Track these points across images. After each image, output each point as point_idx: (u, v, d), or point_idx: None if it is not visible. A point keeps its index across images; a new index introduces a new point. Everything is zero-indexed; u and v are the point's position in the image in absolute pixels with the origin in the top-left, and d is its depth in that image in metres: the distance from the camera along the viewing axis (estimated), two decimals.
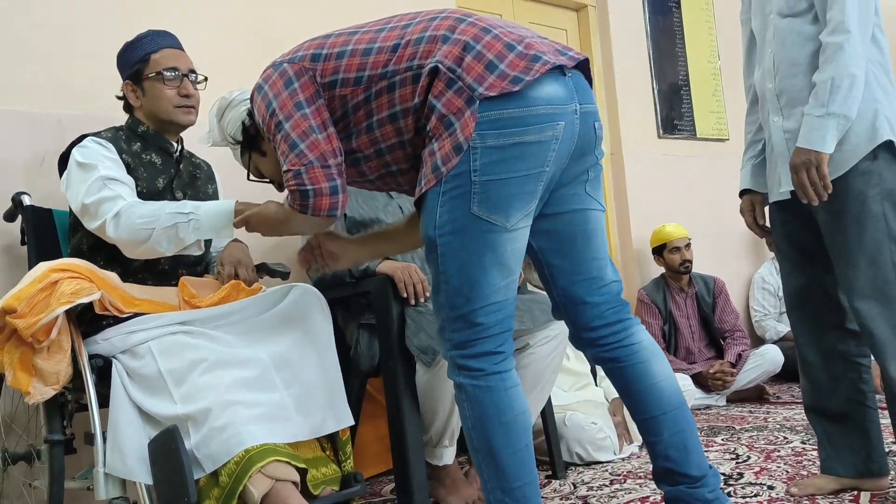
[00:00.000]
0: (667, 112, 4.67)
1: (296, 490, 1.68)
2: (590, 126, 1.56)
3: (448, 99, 1.46)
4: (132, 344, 1.80)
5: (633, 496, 2.27)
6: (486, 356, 1.51)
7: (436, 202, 1.49)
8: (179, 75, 2.14)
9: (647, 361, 1.62)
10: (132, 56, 2.16)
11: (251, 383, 1.77)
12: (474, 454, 1.54)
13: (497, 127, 1.43)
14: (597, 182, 1.66)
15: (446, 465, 2.30)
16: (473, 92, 1.43)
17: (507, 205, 1.47)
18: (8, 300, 1.73)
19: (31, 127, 2.40)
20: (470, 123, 1.43)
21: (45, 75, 2.45)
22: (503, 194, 1.46)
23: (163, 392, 1.73)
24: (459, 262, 1.49)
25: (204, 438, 1.66)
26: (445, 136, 1.46)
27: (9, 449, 2.01)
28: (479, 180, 1.44)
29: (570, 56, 1.54)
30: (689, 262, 3.99)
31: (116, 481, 1.70)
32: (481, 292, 1.49)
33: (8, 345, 1.76)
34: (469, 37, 1.49)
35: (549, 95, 1.46)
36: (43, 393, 1.73)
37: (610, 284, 1.68)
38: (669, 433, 1.60)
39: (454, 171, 1.45)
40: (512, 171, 1.45)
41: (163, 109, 2.13)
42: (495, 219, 1.46)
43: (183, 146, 2.24)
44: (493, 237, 1.48)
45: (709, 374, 3.72)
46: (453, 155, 1.45)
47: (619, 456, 2.80)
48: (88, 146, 2.03)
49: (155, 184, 2.10)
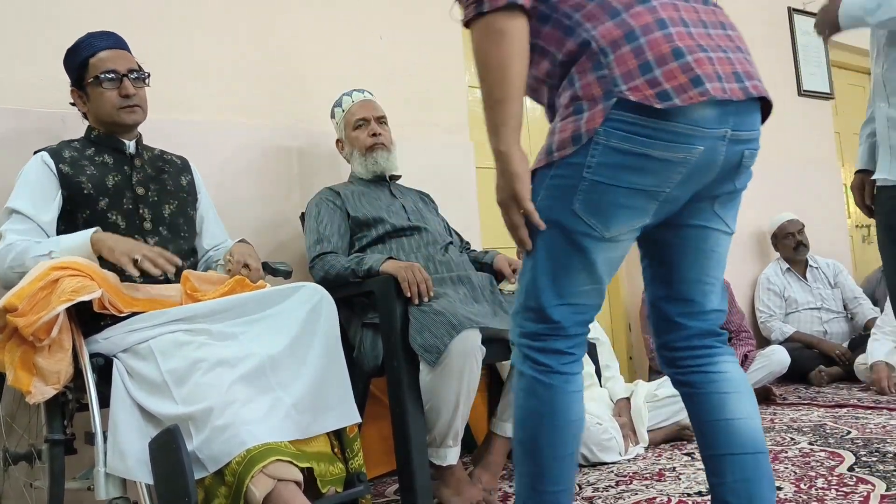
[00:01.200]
0: None
1: (298, 490, 1.67)
2: (738, 154, 1.37)
3: (588, 82, 1.33)
4: (133, 343, 1.79)
5: (639, 497, 2.25)
6: (556, 354, 1.41)
7: (541, 184, 1.38)
8: (118, 76, 2.15)
9: (726, 394, 1.47)
10: (72, 62, 2.19)
11: (252, 382, 1.76)
12: (516, 445, 1.45)
13: (628, 130, 1.29)
14: (730, 204, 1.49)
15: (450, 466, 2.28)
16: (615, 87, 1.29)
17: (611, 213, 1.34)
18: (9, 298, 1.72)
19: (35, 125, 2.40)
20: (598, 118, 1.30)
21: (48, 74, 2.44)
22: (609, 201, 1.33)
23: (164, 392, 1.71)
24: (550, 253, 1.39)
25: (206, 439, 1.65)
26: (570, 120, 1.34)
27: (10, 449, 2.00)
28: (589, 178, 1.32)
29: (744, 87, 1.34)
30: None
31: (117, 481, 1.68)
32: (562, 290, 1.39)
33: (9, 344, 1.75)
34: (638, 25, 1.31)
35: (696, 117, 1.29)
36: (44, 392, 1.72)
37: (709, 313, 1.51)
38: (734, 478, 1.44)
39: (568, 160, 1.34)
40: (626, 181, 1.32)
41: (105, 112, 2.16)
42: (594, 223, 1.35)
43: (141, 144, 2.26)
44: (586, 241, 1.36)
45: None
46: (570, 143, 1.33)
47: (624, 457, 2.78)
48: (30, 163, 2.10)
49: (104, 182, 2.11)
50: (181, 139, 2.58)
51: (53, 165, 2.08)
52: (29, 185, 2.06)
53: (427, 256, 2.54)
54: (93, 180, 2.10)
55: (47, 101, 2.43)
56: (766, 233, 4.79)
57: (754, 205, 3.86)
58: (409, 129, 3.29)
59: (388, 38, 3.36)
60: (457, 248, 2.72)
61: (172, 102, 2.49)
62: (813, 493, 2.13)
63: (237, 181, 2.83)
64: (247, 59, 2.92)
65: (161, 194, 2.21)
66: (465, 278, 2.48)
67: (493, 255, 2.74)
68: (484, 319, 2.26)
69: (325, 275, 2.44)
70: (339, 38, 3.20)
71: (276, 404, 1.75)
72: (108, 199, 2.10)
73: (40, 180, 2.07)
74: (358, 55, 3.24)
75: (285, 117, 3.01)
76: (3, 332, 1.76)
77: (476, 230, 3.43)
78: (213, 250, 2.36)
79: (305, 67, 3.08)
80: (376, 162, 2.74)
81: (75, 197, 2.07)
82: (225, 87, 2.85)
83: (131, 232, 2.10)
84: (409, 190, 2.88)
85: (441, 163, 3.41)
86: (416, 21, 3.45)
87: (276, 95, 2.99)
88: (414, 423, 2.16)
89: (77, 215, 2.08)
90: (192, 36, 2.78)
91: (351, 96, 2.82)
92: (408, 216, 2.68)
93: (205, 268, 2.31)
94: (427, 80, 3.46)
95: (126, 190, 2.15)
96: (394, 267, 2.29)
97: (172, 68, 2.35)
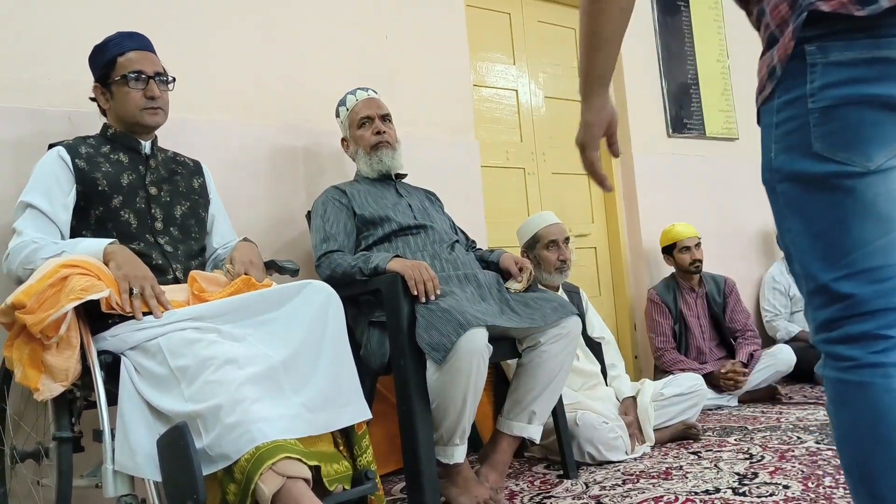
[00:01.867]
0: (676, 111, 4.65)
1: (307, 488, 1.66)
2: None
3: (775, 4, 1.15)
4: (141, 340, 1.78)
5: (646, 496, 2.25)
6: (861, 341, 1.09)
7: (769, 136, 1.17)
8: (145, 78, 2.16)
9: None
10: (100, 59, 2.20)
11: (262, 381, 1.75)
12: (846, 476, 1.15)
13: (843, 38, 1.06)
14: None
15: (457, 464, 2.27)
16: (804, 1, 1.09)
17: (862, 138, 1.07)
18: (17, 296, 1.72)
19: (41, 124, 2.40)
20: (789, 44, 1.11)
21: (55, 73, 2.44)
22: (853, 124, 1.07)
23: (173, 389, 1.71)
24: (807, 217, 1.13)
25: (216, 436, 1.64)
26: (766, 57, 1.17)
27: (17, 447, 2.00)
28: (817, 108, 1.09)
29: None
30: (699, 262, 3.97)
31: (125, 478, 1.68)
32: (844, 255, 1.10)
33: (17, 341, 1.75)
34: None
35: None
36: (52, 390, 1.72)
37: None
38: None
39: (782, 99, 1.13)
40: (865, 92, 1.06)
41: (129, 112, 2.17)
42: (847, 158, 1.08)
43: (156, 146, 2.27)
44: (848, 183, 1.08)
45: (720, 374, 3.69)
46: (767, 82, 1.16)
47: (631, 456, 2.78)
48: (46, 157, 2.11)
49: (119, 180, 2.12)
50: (188, 138, 2.58)
51: (70, 160, 2.08)
52: (44, 179, 2.06)
53: (433, 255, 2.54)
54: (108, 177, 2.11)
55: (54, 100, 2.43)
56: (770, 233, 4.79)
57: (760, 204, 3.87)
58: (414, 127, 3.30)
59: (393, 38, 3.36)
60: (462, 247, 2.72)
61: (180, 102, 2.48)
62: (821, 491, 2.12)
63: (244, 180, 2.83)
64: (253, 60, 2.92)
65: (173, 195, 2.22)
66: (471, 276, 2.47)
67: (499, 254, 2.74)
68: (491, 318, 2.26)
69: (331, 273, 2.44)
70: (344, 37, 3.20)
71: (287, 404, 1.75)
72: (122, 197, 2.11)
73: (56, 175, 2.07)
74: (364, 54, 3.25)
75: (292, 117, 3.01)
76: (12, 329, 1.76)
77: (482, 229, 3.43)
78: (222, 248, 2.37)
79: (312, 67, 3.08)
80: (381, 160, 2.74)
81: (90, 193, 2.08)
82: (232, 86, 2.85)
83: (143, 231, 2.11)
84: (414, 188, 2.88)
85: (447, 161, 3.41)
86: (421, 20, 3.45)
87: (283, 95, 2.99)
88: (421, 421, 2.16)
89: (90, 211, 2.08)
90: (199, 36, 2.79)
91: (355, 94, 2.82)
92: (414, 215, 2.68)
93: (213, 266, 2.31)
94: (432, 78, 3.46)
95: (140, 189, 2.16)
96: (400, 265, 2.29)
97: (180, 68, 2.35)
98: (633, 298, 4.35)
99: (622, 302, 4.35)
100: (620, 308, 4.36)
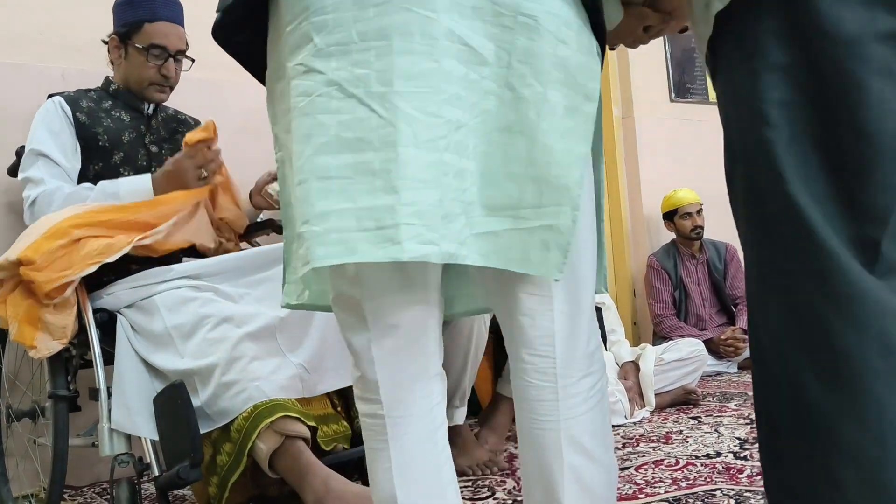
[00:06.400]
0: (679, 76, 4.59)
1: (306, 446, 1.65)
2: None
3: None
4: (137, 298, 1.77)
5: (646, 459, 2.24)
6: None
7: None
8: (166, 55, 2.09)
9: None
10: (128, 16, 2.10)
11: (259, 340, 1.73)
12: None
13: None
14: None
15: (457, 426, 2.26)
16: None
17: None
18: (25, 252, 1.67)
19: (34, 80, 2.35)
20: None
21: (48, 28, 2.39)
22: None
23: (169, 346, 1.69)
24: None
25: (212, 395, 1.63)
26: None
27: (13, 406, 1.98)
28: None
29: None
30: (700, 228, 3.93)
31: (122, 437, 1.66)
32: None
33: (11, 297, 1.71)
34: None
35: None
36: (49, 347, 1.69)
37: None
38: None
39: None
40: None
41: (137, 81, 2.12)
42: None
43: (156, 105, 2.21)
44: None
45: (721, 340, 3.68)
46: None
47: (630, 420, 2.77)
48: (45, 107, 2.06)
49: (120, 137, 2.08)
50: (188, 95, 2.52)
51: (70, 112, 2.04)
52: (51, 129, 2.01)
53: None
54: (109, 133, 2.06)
55: (46, 56, 2.38)
56: None
57: None
58: None
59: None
60: None
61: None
62: None
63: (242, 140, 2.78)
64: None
65: (174, 153, 2.17)
66: None
67: None
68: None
69: None
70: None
71: (284, 363, 1.73)
72: (122, 154, 2.07)
73: (61, 123, 2.03)
74: None
75: None
76: (6, 284, 1.72)
77: None
78: None
79: None
80: None
81: (89, 147, 2.03)
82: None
83: None
84: None
85: None
86: None
87: None
88: None
89: (89, 167, 2.04)
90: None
91: None
92: None
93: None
94: None
95: (140, 147, 2.12)
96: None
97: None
98: (633, 265, 4.32)
99: (622, 268, 4.33)
100: (620, 274, 4.34)
